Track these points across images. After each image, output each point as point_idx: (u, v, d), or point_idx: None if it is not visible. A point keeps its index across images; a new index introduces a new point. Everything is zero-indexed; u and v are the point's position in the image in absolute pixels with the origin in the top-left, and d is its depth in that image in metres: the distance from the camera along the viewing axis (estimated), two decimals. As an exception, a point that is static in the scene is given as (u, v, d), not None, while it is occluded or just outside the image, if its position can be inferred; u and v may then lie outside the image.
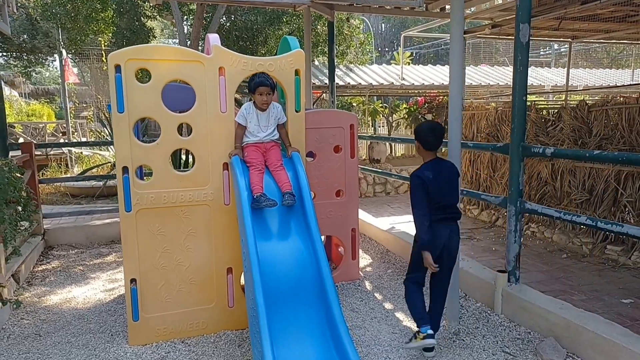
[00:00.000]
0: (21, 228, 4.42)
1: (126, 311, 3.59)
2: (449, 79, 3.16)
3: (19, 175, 4.34)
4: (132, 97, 2.90)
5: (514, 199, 3.32)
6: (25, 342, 3.19)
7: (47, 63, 22.20)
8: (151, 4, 9.09)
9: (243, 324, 3.28)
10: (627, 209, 4.63)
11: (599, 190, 4.89)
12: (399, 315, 3.55)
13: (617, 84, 9.81)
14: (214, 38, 3.15)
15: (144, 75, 5.36)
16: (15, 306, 3.63)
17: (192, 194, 3.11)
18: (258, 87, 2.99)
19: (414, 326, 3.32)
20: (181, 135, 3.13)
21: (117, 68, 2.86)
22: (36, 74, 23.50)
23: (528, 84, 3.28)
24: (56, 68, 27.64)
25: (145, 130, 7.80)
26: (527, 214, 5.74)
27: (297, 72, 3.22)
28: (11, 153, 5.18)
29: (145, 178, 3.40)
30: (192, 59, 2.99)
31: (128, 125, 2.92)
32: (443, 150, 3.48)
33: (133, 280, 3.06)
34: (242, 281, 3.38)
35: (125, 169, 2.96)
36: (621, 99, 4.95)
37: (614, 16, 6.13)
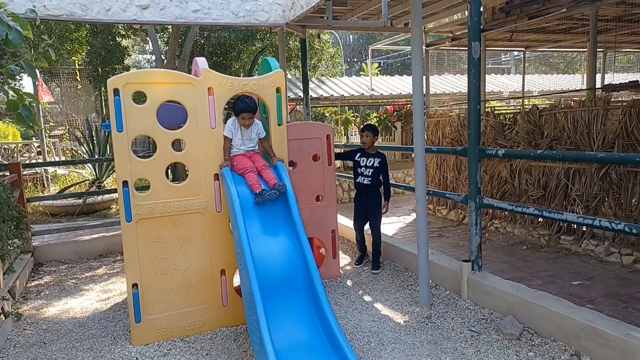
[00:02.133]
0: (14, 245, 4.60)
1: (125, 317, 3.87)
2: (412, 90, 3.59)
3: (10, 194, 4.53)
4: (130, 117, 3.21)
5: (473, 196, 3.76)
6: (31, 350, 3.40)
7: (13, 83, 21.83)
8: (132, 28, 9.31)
9: (237, 320, 3.58)
10: (576, 202, 5.17)
11: (552, 186, 5.42)
12: (378, 305, 3.92)
13: (570, 89, 10.60)
14: (202, 62, 3.49)
15: (139, 97, 5.66)
16: (16, 318, 3.83)
17: (186, 204, 3.42)
18: (242, 112, 3.43)
19: (391, 314, 3.72)
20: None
21: (116, 91, 3.16)
22: (3, 93, 22.99)
23: (488, 91, 3.76)
24: (22, 86, 27.13)
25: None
26: (490, 211, 6.26)
27: (278, 90, 3.58)
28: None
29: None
30: (183, 82, 3.32)
31: (127, 143, 3.22)
32: (395, 156, 3.91)
33: (135, 285, 3.33)
34: (235, 283, 3.70)
35: (125, 183, 3.24)
36: (572, 102, 5.51)
37: (560, 29, 6.76)
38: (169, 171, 7.94)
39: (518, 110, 6.70)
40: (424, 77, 8.07)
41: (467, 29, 3.63)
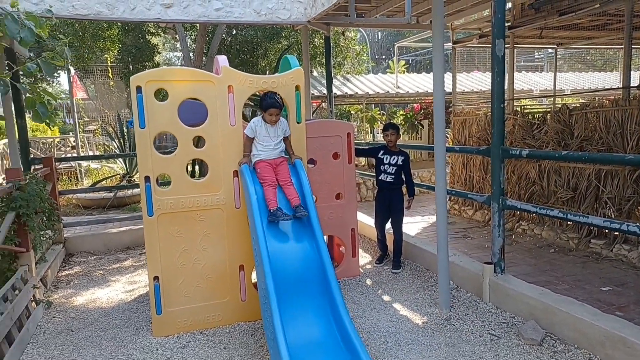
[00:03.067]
0: (46, 236, 4.79)
1: (147, 308, 3.97)
2: (433, 88, 3.54)
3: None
4: (152, 114, 3.28)
5: (496, 197, 3.68)
6: (60, 337, 3.54)
7: (51, 80, 22.69)
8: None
9: (255, 316, 3.62)
10: (607, 205, 4.97)
11: (582, 188, 5.24)
12: (396, 305, 3.89)
13: (604, 87, 10.20)
14: (222, 60, 3.53)
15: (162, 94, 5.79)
16: (47, 306, 3.99)
17: (206, 199, 3.48)
18: (269, 108, 3.35)
19: (410, 315, 3.69)
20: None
21: (139, 89, 3.24)
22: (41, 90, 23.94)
23: (518, 89, 3.66)
24: (59, 84, 28.18)
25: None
26: (517, 212, 6.10)
27: (297, 88, 3.59)
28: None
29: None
30: (204, 79, 3.38)
31: (149, 139, 3.29)
32: (422, 155, 3.87)
33: (156, 278, 3.42)
34: (254, 278, 3.74)
35: (147, 178, 3.33)
36: (606, 101, 5.31)
37: (593, 25, 6.51)
38: (196, 167, 8.08)
39: (547, 110, 6.50)
40: (452, 75, 7.93)
41: (491, 26, 3.54)
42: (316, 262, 3.01)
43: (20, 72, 2.78)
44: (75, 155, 11.65)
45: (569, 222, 5.40)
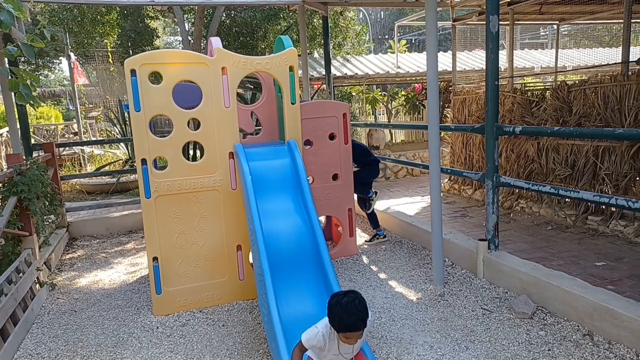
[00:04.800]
0: (49, 221, 4.89)
1: (148, 289, 4.06)
2: (426, 66, 3.53)
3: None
4: (147, 97, 3.31)
5: (490, 174, 3.70)
6: (64, 317, 3.64)
7: (53, 66, 22.68)
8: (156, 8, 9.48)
9: (252, 294, 3.71)
10: (605, 182, 4.98)
11: (579, 165, 5.24)
12: (392, 283, 3.95)
13: (606, 63, 10.05)
14: (216, 41, 3.54)
15: (156, 78, 5.82)
16: (50, 288, 4.10)
17: (203, 181, 3.53)
18: (348, 331, 2.11)
19: (405, 292, 3.75)
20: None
21: (133, 72, 3.26)
22: (44, 77, 23.99)
23: (521, 67, 3.64)
24: (62, 70, 28.15)
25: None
26: (516, 190, 6.12)
27: (291, 69, 3.60)
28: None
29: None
30: (197, 61, 3.39)
31: (144, 122, 3.33)
32: (424, 135, 3.89)
33: (155, 259, 3.50)
34: (251, 258, 3.81)
35: (143, 161, 3.37)
36: (607, 77, 5.25)
37: (594, -1, 6.40)
38: (196, 149, 8.13)
39: (547, 87, 6.45)
40: (452, 53, 7.86)
41: (485, 2, 3.51)
42: (310, 240, 3.06)
43: (21, 58, 2.82)
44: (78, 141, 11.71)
45: (566, 200, 5.41)
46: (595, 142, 5.02)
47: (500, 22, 3.55)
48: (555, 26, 8.45)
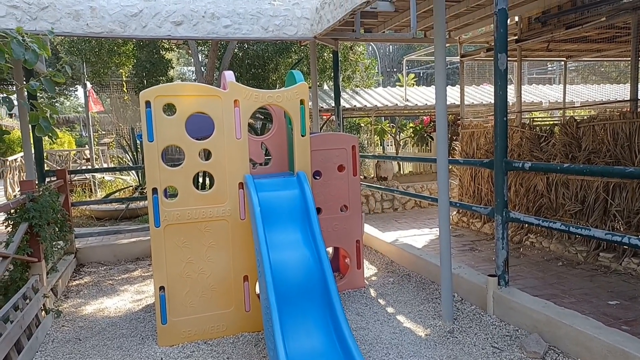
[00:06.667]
0: (58, 247, 4.91)
1: (153, 318, 4.03)
2: (435, 101, 3.58)
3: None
4: (160, 128, 3.38)
5: (500, 209, 3.68)
6: (67, 345, 3.61)
7: (69, 94, 23.29)
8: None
9: (258, 326, 3.66)
10: (616, 218, 4.93)
11: (590, 201, 5.20)
12: (400, 317, 3.89)
13: (614, 100, 10.13)
14: (229, 75, 3.63)
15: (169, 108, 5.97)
16: (56, 315, 4.08)
17: (212, 211, 3.55)
18: None
19: (413, 327, 3.68)
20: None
21: (147, 104, 3.35)
22: (60, 104, 24.59)
23: (528, 102, 3.68)
24: (77, 97, 28.87)
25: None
26: (525, 225, 6.06)
27: (302, 102, 3.67)
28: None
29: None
30: (211, 94, 3.47)
31: (157, 152, 3.39)
32: (432, 167, 3.91)
33: (162, 288, 3.48)
34: (257, 289, 3.79)
35: (154, 190, 3.41)
36: (615, 114, 5.28)
37: (602, 38, 6.51)
38: (206, 177, 8.20)
39: (556, 122, 6.48)
40: (460, 88, 7.97)
41: (494, 41, 3.59)
42: (318, 273, 3.04)
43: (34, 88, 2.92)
44: (89, 167, 11.89)
45: (577, 236, 5.35)
46: (606, 178, 5.00)
47: (508, 59, 3.62)
48: (562, 62, 8.58)
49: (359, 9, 4.05)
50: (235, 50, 10.79)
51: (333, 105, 9.84)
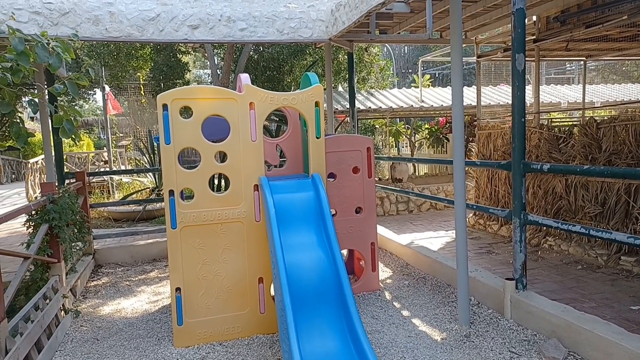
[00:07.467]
0: (77, 248, 4.99)
1: (170, 319, 4.07)
2: (452, 101, 3.55)
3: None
4: (177, 131, 3.42)
5: (517, 212, 3.62)
6: (86, 345, 3.67)
7: (88, 97, 23.72)
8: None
9: (273, 328, 3.67)
10: (638, 221, 4.81)
11: (610, 203, 5.09)
12: (415, 321, 3.86)
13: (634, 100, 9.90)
14: (245, 78, 3.65)
15: (186, 111, 6.03)
16: (75, 315, 4.15)
17: (227, 213, 3.57)
18: None
19: (429, 331, 3.65)
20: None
21: (165, 107, 3.38)
22: (79, 107, 25.05)
23: (547, 102, 3.61)
24: (95, 100, 29.38)
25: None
26: (544, 228, 5.96)
27: (317, 104, 3.67)
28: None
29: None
30: (227, 97, 3.50)
31: (174, 155, 3.42)
32: (447, 169, 3.87)
33: (178, 289, 3.51)
34: (272, 291, 3.79)
35: (171, 192, 3.45)
36: (637, 114, 5.15)
37: (623, 36, 6.37)
38: (221, 179, 8.26)
39: (575, 123, 6.37)
40: (476, 88, 7.88)
41: (511, 41, 3.54)
42: (332, 275, 3.04)
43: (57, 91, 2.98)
44: (107, 169, 12.08)
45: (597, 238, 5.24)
46: (628, 180, 4.88)
47: (526, 59, 3.56)
48: (581, 62, 8.42)
49: (374, 10, 4.04)
50: (251, 52, 10.86)
51: (348, 106, 9.83)
